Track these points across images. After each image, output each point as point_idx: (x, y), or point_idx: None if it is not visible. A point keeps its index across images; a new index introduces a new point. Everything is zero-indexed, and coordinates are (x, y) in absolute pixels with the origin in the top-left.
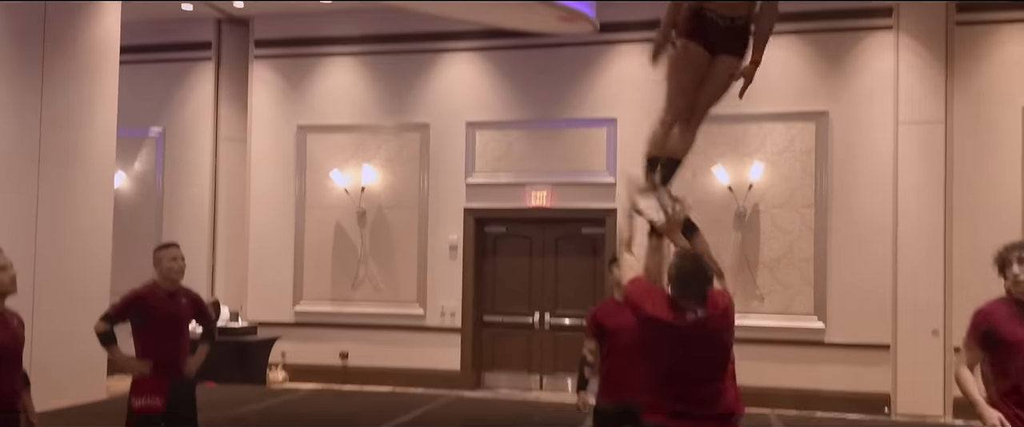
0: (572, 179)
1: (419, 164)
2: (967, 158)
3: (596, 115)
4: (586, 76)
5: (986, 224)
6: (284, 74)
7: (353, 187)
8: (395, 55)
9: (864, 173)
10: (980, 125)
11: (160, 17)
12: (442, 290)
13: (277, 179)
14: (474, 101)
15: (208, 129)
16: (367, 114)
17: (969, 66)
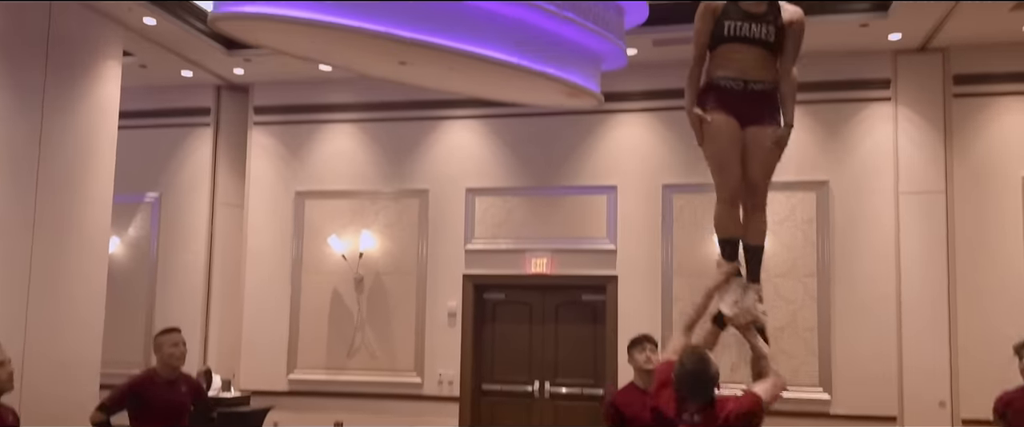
0: (572, 246)
1: (418, 230)
2: (969, 227)
3: (596, 182)
4: (586, 144)
5: (990, 293)
6: (283, 140)
7: (351, 253)
8: (394, 122)
9: (866, 242)
10: (981, 195)
11: (160, 83)
12: (440, 358)
13: (274, 245)
14: (473, 167)
15: (205, 194)
16: (366, 180)
17: (968, 137)
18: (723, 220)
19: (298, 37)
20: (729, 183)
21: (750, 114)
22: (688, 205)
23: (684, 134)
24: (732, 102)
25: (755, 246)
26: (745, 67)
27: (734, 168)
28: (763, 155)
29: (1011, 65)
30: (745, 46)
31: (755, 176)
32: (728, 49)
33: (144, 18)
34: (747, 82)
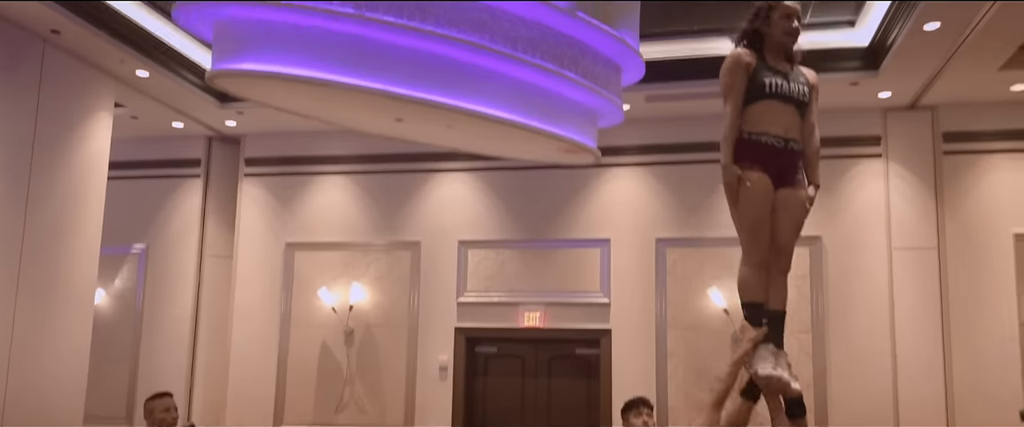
0: (566, 299)
1: (409, 282)
2: (962, 284)
3: (590, 236)
4: (579, 197)
5: (985, 349)
6: (274, 192)
7: (341, 305)
8: (387, 174)
9: (860, 298)
10: (973, 252)
11: (151, 134)
12: (431, 412)
13: (262, 297)
14: (466, 220)
15: (193, 246)
16: (357, 232)
17: (959, 194)
18: (751, 284)
19: (295, 94)
20: (761, 246)
21: (784, 174)
22: (681, 259)
23: (677, 188)
24: (771, 161)
25: (781, 312)
26: (787, 126)
27: (767, 231)
28: (796, 218)
29: (999, 123)
30: (783, 104)
31: (786, 239)
32: (768, 106)
33: (137, 70)
34: (788, 141)
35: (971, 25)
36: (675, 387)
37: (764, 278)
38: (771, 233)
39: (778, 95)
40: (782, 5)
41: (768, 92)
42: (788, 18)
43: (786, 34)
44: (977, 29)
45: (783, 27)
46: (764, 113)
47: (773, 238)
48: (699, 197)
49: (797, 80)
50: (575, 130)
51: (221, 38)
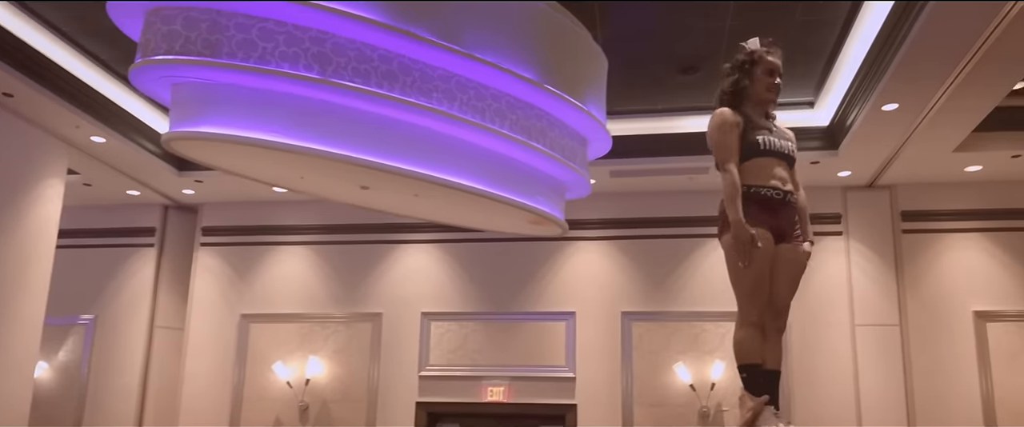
0: (530, 373)
1: (369, 355)
2: (925, 359)
3: (555, 309)
4: (544, 270)
5: (950, 424)
6: (230, 261)
7: (297, 380)
8: (349, 245)
9: (825, 373)
10: (934, 328)
11: (104, 202)
12: None
13: (214, 370)
14: (430, 291)
15: (143, 316)
16: (317, 303)
17: (919, 271)
18: (748, 346)
19: (256, 159)
20: (760, 305)
21: (784, 229)
22: (647, 333)
23: (642, 262)
24: (773, 215)
25: (777, 372)
26: (784, 178)
27: (767, 290)
28: (795, 275)
29: (955, 203)
30: (776, 160)
31: (785, 297)
32: (764, 162)
33: (92, 136)
34: (786, 193)
35: (928, 107)
36: None
37: (761, 338)
38: (769, 292)
39: (771, 152)
40: (765, 61)
41: (763, 150)
42: (771, 74)
43: (768, 90)
44: (933, 110)
45: (766, 83)
46: (761, 168)
47: (771, 297)
48: (664, 271)
49: (783, 136)
50: (543, 201)
51: (179, 101)
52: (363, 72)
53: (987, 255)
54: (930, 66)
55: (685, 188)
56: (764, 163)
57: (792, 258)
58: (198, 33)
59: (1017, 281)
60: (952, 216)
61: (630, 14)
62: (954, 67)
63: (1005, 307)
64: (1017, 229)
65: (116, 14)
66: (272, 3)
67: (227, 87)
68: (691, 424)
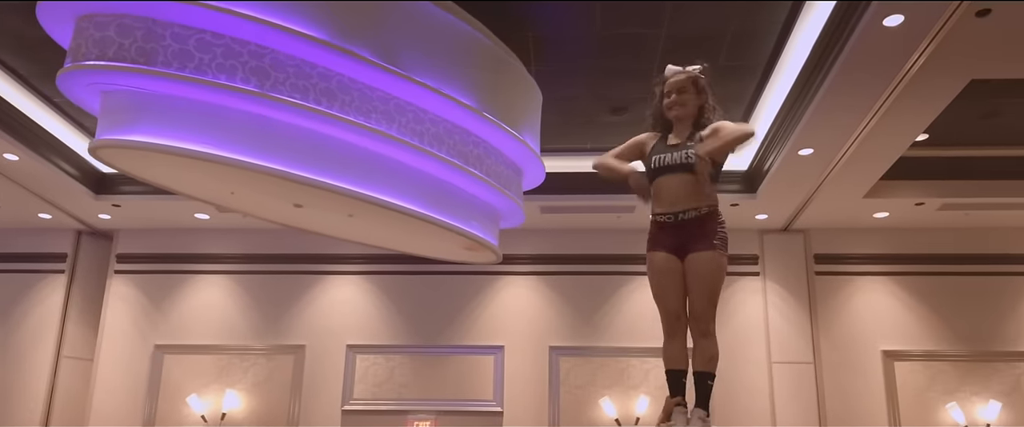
0: (458, 407)
1: (291, 389)
2: (837, 397)
3: (483, 342)
4: (473, 303)
5: None
6: (145, 290)
7: (212, 414)
8: (271, 274)
9: (743, 408)
10: (846, 366)
11: (11, 225)
12: None
13: (124, 403)
14: (355, 323)
15: (49, 346)
16: (236, 334)
17: (831, 312)
18: (665, 352)
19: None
20: (667, 318)
21: (686, 243)
22: (575, 368)
23: (570, 298)
24: (667, 237)
25: (700, 372)
26: (674, 199)
27: (667, 301)
28: (700, 282)
29: (865, 247)
30: (672, 176)
31: (695, 303)
32: (659, 183)
33: (5, 154)
34: (676, 214)
35: (840, 153)
36: None
37: (676, 346)
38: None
39: (662, 169)
40: (664, 84)
41: (654, 168)
42: (668, 94)
43: (669, 108)
44: (845, 157)
45: (666, 103)
46: (658, 192)
47: (689, 306)
48: (592, 307)
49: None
50: (478, 227)
51: (109, 109)
52: (302, 88)
53: (894, 298)
54: (842, 114)
55: (613, 226)
56: (660, 185)
57: (693, 268)
58: (133, 41)
59: (922, 323)
60: (861, 260)
61: (563, 51)
62: (864, 116)
63: (911, 347)
64: (920, 273)
65: (45, 18)
66: (210, 13)
67: (161, 97)
68: None
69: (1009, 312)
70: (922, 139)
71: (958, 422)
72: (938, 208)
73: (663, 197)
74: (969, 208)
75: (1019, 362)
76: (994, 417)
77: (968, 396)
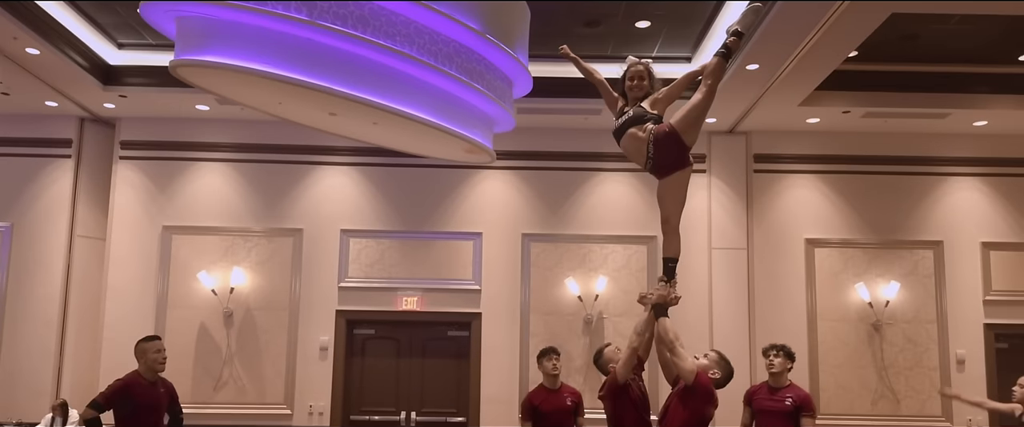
0: (441, 286)
1: (291, 268)
2: (765, 277)
3: (463, 229)
4: (454, 194)
5: (779, 330)
6: (150, 175)
7: (221, 288)
8: (268, 164)
9: (685, 287)
10: (773, 252)
11: (18, 112)
12: (310, 390)
13: (137, 279)
14: (348, 211)
15: (63, 226)
16: (238, 218)
17: (764, 205)
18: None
19: (247, 85)
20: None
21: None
22: (543, 252)
23: (541, 190)
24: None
25: (667, 258)
26: (634, 152)
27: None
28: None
29: (797, 148)
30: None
31: (666, 208)
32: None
33: (28, 49)
34: (644, 165)
35: (782, 68)
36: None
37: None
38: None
39: (619, 130)
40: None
41: (615, 133)
42: (630, 79)
43: (629, 90)
44: (786, 71)
45: (628, 85)
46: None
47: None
48: (559, 199)
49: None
50: (478, 133)
51: (185, 33)
52: (342, 16)
53: (818, 193)
54: (786, 35)
55: (581, 126)
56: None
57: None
58: None
59: (840, 214)
60: (793, 159)
61: None
62: (802, 39)
63: (830, 235)
64: (842, 172)
65: None
66: None
67: (227, 23)
68: (578, 330)
69: (913, 207)
70: (852, 56)
71: (864, 299)
72: (862, 115)
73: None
74: (887, 116)
75: (917, 249)
76: (893, 295)
77: (874, 278)
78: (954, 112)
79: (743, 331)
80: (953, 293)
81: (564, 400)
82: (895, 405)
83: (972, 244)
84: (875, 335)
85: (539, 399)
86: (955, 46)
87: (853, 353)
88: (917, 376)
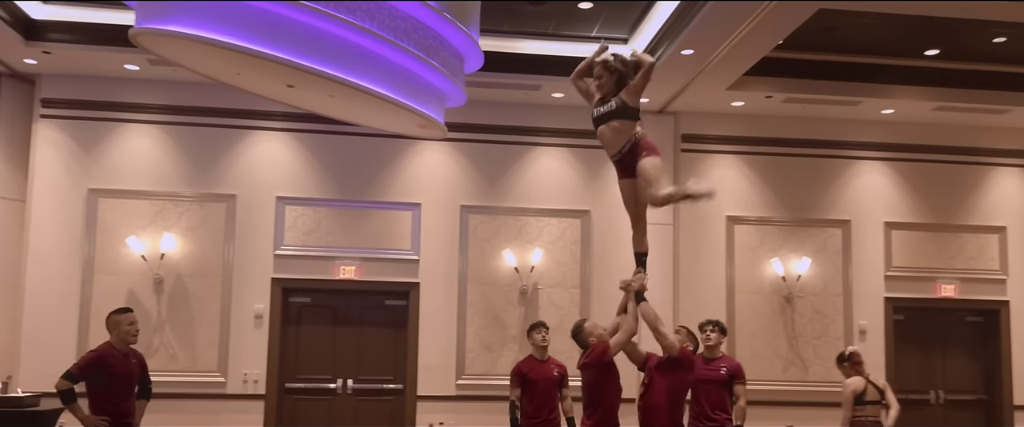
0: (379, 255)
1: (224, 234)
2: (689, 252)
3: (403, 199)
4: (393, 164)
5: (701, 302)
6: (74, 136)
7: (152, 254)
8: (199, 127)
9: (617, 261)
10: (698, 228)
11: None
12: (245, 358)
13: (60, 243)
14: (284, 177)
15: None
16: (169, 182)
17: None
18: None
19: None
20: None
21: (626, 172)
22: (481, 224)
23: (480, 163)
24: (618, 169)
25: (638, 253)
26: (608, 143)
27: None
28: (639, 194)
29: (722, 130)
30: (602, 126)
31: (636, 209)
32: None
33: None
34: (613, 155)
35: (714, 54)
36: (472, 333)
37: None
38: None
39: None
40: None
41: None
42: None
43: (597, 87)
44: (718, 57)
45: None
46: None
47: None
48: (497, 172)
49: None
50: (431, 108)
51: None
52: None
53: (739, 172)
54: (721, 25)
55: (520, 101)
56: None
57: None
58: None
59: (759, 194)
60: (718, 140)
61: None
62: (735, 29)
63: (749, 213)
64: (762, 153)
65: None
66: None
67: None
68: (513, 300)
69: (825, 188)
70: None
71: (778, 273)
72: (783, 100)
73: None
74: (805, 102)
75: (827, 228)
76: (804, 270)
77: (787, 253)
78: (865, 100)
79: (668, 303)
80: (858, 269)
81: (551, 370)
82: (803, 371)
83: (876, 223)
84: (787, 307)
85: (528, 368)
86: (868, 39)
87: (767, 324)
88: (824, 345)
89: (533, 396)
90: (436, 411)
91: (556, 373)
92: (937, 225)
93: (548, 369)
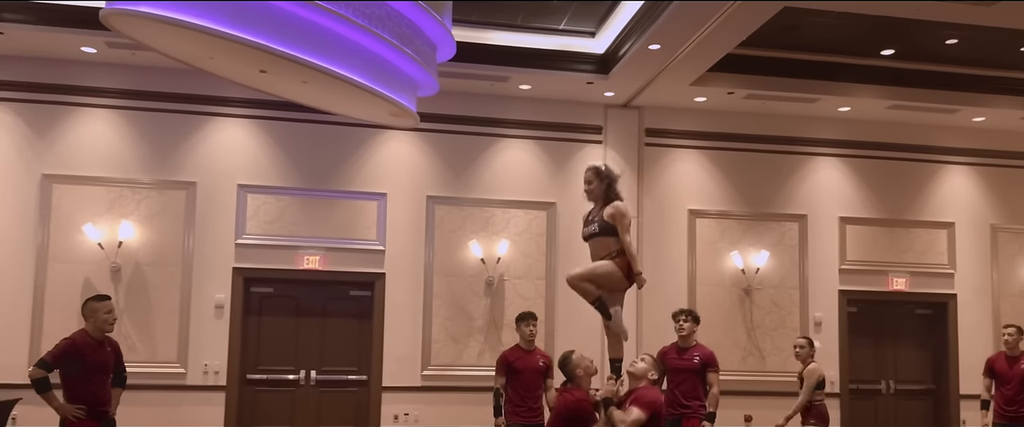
0: (344, 245)
1: (184, 222)
2: (653, 245)
3: (368, 189)
4: (359, 153)
5: (664, 293)
6: (27, 119)
7: (109, 242)
8: (158, 113)
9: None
10: (661, 221)
11: None
12: (206, 349)
13: (12, 228)
14: (246, 165)
15: None
16: (126, 168)
17: (653, 176)
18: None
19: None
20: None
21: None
22: (448, 215)
23: (446, 154)
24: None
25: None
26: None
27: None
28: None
29: (684, 125)
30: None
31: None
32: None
33: None
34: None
35: (681, 50)
36: (438, 324)
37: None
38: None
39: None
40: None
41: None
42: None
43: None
44: (684, 53)
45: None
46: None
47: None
48: (464, 163)
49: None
50: (404, 97)
51: None
52: None
53: (701, 167)
54: (688, 21)
55: (487, 92)
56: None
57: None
58: None
59: (720, 188)
60: (680, 135)
61: None
62: (701, 26)
63: (710, 207)
64: (724, 148)
65: None
66: None
67: None
68: (479, 291)
69: (783, 183)
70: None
71: (737, 266)
72: (744, 97)
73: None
74: (766, 98)
75: (785, 222)
76: (763, 263)
77: (746, 247)
78: (823, 98)
79: (632, 295)
80: (813, 262)
81: (537, 361)
82: (761, 361)
83: (831, 218)
84: (746, 299)
85: (514, 357)
86: (828, 38)
87: (726, 315)
88: (781, 336)
89: (518, 386)
90: (401, 402)
91: (541, 363)
92: (889, 220)
93: (533, 359)
